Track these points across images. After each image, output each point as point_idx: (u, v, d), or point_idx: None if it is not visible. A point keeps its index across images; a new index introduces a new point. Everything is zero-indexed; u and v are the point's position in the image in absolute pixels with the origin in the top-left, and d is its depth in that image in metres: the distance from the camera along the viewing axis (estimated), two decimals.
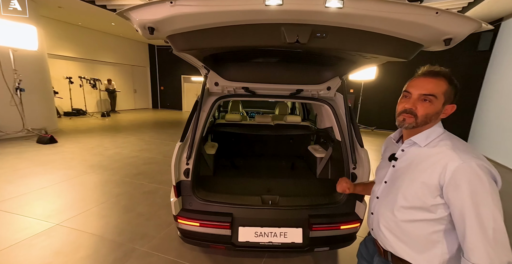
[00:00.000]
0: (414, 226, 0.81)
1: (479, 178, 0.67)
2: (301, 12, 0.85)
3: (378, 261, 0.95)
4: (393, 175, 0.89)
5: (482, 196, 0.67)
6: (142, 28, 0.96)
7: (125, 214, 2.59)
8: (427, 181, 0.76)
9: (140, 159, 4.38)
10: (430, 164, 0.77)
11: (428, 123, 0.82)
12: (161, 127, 7.60)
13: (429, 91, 0.77)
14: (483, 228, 0.66)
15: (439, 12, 0.77)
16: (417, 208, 0.79)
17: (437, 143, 0.79)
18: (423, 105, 0.79)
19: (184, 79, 11.91)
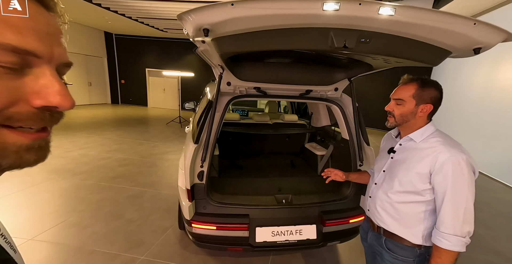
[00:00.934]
0: (406, 206, 0.98)
1: (461, 170, 0.85)
2: (354, 18, 0.89)
3: (371, 235, 1.13)
4: (391, 165, 1.05)
5: (461, 183, 0.85)
6: (198, 29, 0.92)
7: (112, 221, 2.35)
8: (420, 170, 0.92)
9: (114, 161, 3.97)
10: (423, 156, 0.92)
11: (407, 121, 0.98)
12: (128, 124, 6.96)
13: (398, 96, 0.98)
14: (456, 207, 0.86)
15: (476, 23, 0.87)
16: (410, 192, 0.96)
17: (430, 139, 0.95)
18: (397, 107, 0.98)
19: (149, 73, 11.03)
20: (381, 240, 1.06)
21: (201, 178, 1.60)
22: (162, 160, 4.18)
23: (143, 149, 4.72)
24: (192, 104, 3.63)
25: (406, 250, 0.99)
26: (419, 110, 0.95)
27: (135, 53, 10.78)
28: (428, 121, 0.98)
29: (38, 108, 0.26)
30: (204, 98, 2.52)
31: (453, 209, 0.86)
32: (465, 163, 0.85)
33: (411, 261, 0.98)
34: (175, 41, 10.35)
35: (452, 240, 0.86)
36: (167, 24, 7.82)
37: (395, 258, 1.01)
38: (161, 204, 2.71)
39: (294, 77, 1.73)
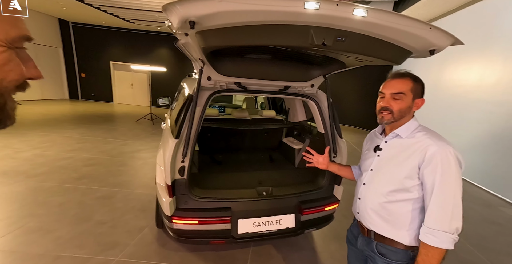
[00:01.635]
0: (397, 205, 0.94)
1: (449, 163, 0.83)
2: (332, 17, 0.97)
3: (361, 240, 1.08)
4: (378, 163, 1.01)
5: (449, 177, 0.83)
6: (183, 21, 0.92)
7: (79, 224, 2.17)
8: (409, 164, 0.89)
9: (77, 161, 3.64)
10: (412, 151, 0.90)
11: (403, 117, 0.95)
12: (91, 122, 6.40)
13: (398, 89, 0.93)
14: (444, 201, 0.83)
15: (431, 28, 1.01)
16: (400, 190, 0.92)
17: (416, 134, 0.93)
18: (396, 102, 0.94)
19: (114, 66, 10.23)
20: (372, 245, 1.01)
21: (182, 174, 1.57)
22: (134, 158, 3.95)
23: (111, 147, 4.40)
24: (166, 100, 3.49)
25: (399, 254, 0.95)
26: (414, 105, 0.95)
27: (97, 44, 9.88)
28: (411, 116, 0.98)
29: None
30: (182, 93, 2.45)
31: (442, 203, 0.83)
32: (452, 156, 0.84)
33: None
34: (144, 33, 9.75)
35: (440, 236, 0.82)
36: (134, 14, 7.32)
37: (388, 263, 0.96)
38: (135, 204, 2.58)
39: (273, 73, 1.78)
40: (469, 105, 4.23)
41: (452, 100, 4.66)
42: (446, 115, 4.78)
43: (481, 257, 2.16)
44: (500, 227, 2.72)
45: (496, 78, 3.77)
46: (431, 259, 0.84)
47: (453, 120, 4.59)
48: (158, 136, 5.49)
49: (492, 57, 3.87)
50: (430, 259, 0.84)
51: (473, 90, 4.17)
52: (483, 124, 3.90)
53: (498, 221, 2.84)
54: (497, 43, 3.80)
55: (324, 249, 2.15)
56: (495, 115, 3.70)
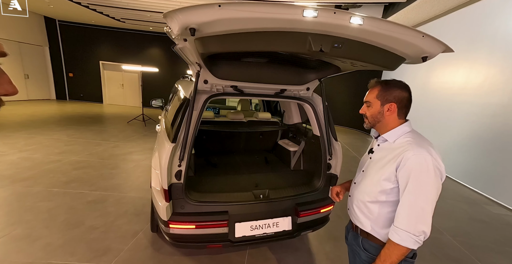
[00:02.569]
0: (377, 206, 1.00)
1: (421, 169, 0.86)
2: (329, 25, 0.99)
3: (351, 235, 1.16)
4: (369, 165, 1.08)
5: (424, 182, 0.85)
6: (184, 28, 0.93)
7: (70, 230, 2.11)
8: (389, 168, 0.94)
9: (66, 164, 3.53)
10: (393, 156, 0.95)
11: (379, 121, 1.03)
12: (80, 123, 6.22)
13: (366, 98, 1.06)
14: (414, 204, 0.86)
15: (424, 36, 1.05)
16: (380, 191, 0.97)
17: (402, 139, 0.98)
18: (368, 109, 1.05)
19: (104, 66, 9.99)
20: (358, 240, 1.08)
21: (179, 178, 1.56)
22: (126, 161, 3.87)
23: (102, 150, 4.29)
24: (160, 101, 3.44)
25: (379, 249, 1.00)
26: (385, 110, 1.00)
27: (86, 43, 9.63)
28: (402, 121, 1.02)
29: None
30: (177, 95, 2.43)
31: (409, 205, 0.87)
32: (428, 163, 0.85)
33: None
34: (135, 33, 9.58)
35: (402, 235, 0.87)
36: (125, 13, 7.18)
37: (370, 257, 1.03)
38: (128, 208, 2.53)
39: (269, 77, 1.79)
40: (455, 107, 4.40)
41: (440, 102, 4.83)
42: (434, 116, 4.95)
43: (468, 254, 2.25)
44: (485, 224, 2.83)
45: (479, 81, 3.93)
46: (392, 254, 0.90)
47: (440, 121, 4.75)
48: (150, 137, 5.40)
49: (476, 61, 4.04)
50: (391, 253, 0.91)
51: (459, 92, 4.34)
52: (468, 125, 4.06)
53: (483, 218, 2.96)
54: (481, 48, 3.97)
55: (320, 250, 2.17)
56: (479, 117, 3.86)
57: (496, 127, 3.57)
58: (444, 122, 4.65)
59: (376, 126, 1.06)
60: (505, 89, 3.49)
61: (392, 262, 0.91)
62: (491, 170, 3.59)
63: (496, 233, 2.65)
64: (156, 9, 6.33)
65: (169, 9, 5.93)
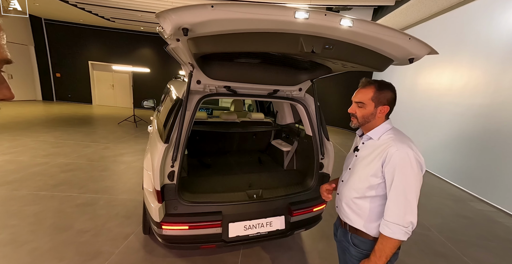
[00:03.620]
0: (365, 201, 1.04)
1: (405, 163, 0.91)
2: (320, 27, 1.02)
3: (340, 231, 1.20)
4: (355, 162, 1.11)
5: (405, 176, 0.91)
6: (176, 28, 0.93)
7: (58, 234, 2.05)
8: (375, 164, 0.98)
9: (54, 167, 3.43)
10: (378, 153, 0.99)
11: (369, 122, 1.05)
12: (68, 124, 6.05)
13: (358, 99, 1.04)
14: (400, 197, 0.92)
15: (411, 38, 1.10)
16: (368, 187, 1.01)
17: (385, 137, 1.02)
18: (359, 109, 1.05)
19: (93, 66, 9.77)
20: (348, 236, 1.11)
21: (172, 179, 1.55)
22: (117, 163, 3.80)
23: (91, 151, 4.19)
24: (152, 102, 3.40)
25: (368, 244, 1.05)
26: (378, 111, 1.02)
27: (73, 43, 9.38)
28: (385, 119, 1.06)
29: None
30: (169, 96, 2.41)
31: (397, 199, 0.92)
32: (410, 158, 0.91)
33: None
34: (126, 33, 9.42)
35: (393, 228, 0.91)
36: (114, 13, 7.06)
37: (359, 252, 1.07)
38: (119, 210, 2.48)
39: (263, 77, 1.81)
40: (441, 107, 4.55)
41: (427, 102, 4.98)
42: (421, 116, 5.10)
43: (453, 249, 2.33)
44: (470, 220, 2.95)
45: (463, 82, 4.09)
46: (385, 248, 0.94)
47: (427, 120, 4.91)
48: (142, 139, 5.32)
49: (460, 63, 4.20)
50: (384, 247, 0.94)
51: (444, 93, 4.50)
52: (454, 125, 4.21)
53: (467, 215, 3.08)
54: (464, 51, 4.13)
55: (312, 248, 2.20)
56: (464, 117, 4.02)
57: (479, 127, 3.73)
58: (431, 122, 4.80)
59: (364, 126, 1.08)
60: (487, 90, 3.65)
61: (387, 256, 0.94)
62: (475, 168, 3.74)
63: (480, 229, 2.76)
64: (147, 9, 6.26)
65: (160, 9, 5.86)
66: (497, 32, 3.55)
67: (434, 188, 3.92)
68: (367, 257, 1.03)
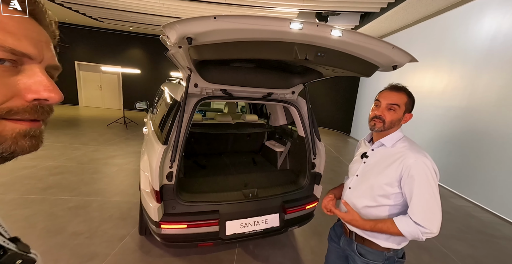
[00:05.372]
0: (377, 210, 1.01)
1: (425, 172, 0.91)
2: (313, 36, 1.11)
3: (344, 240, 1.16)
4: (364, 169, 1.08)
5: (427, 184, 0.91)
6: (181, 38, 1.01)
7: (51, 237, 2.03)
8: (390, 173, 0.96)
9: (42, 170, 3.35)
10: (392, 161, 0.97)
11: (392, 128, 1.02)
12: (54, 126, 5.87)
13: (394, 101, 1.00)
14: (423, 202, 0.91)
15: (394, 47, 1.22)
16: (381, 195, 0.99)
17: (398, 145, 1.01)
18: (389, 113, 1.00)
19: (80, 66, 9.50)
20: (353, 246, 1.09)
21: (170, 179, 1.60)
22: (108, 165, 3.75)
23: (81, 154, 4.11)
24: (144, 103, 3.40)
25: (375, 254, 1.03)
26: (404, 118, 1.02)
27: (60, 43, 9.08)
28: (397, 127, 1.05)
29: (31, 101, 0.32)
30: (163, 98, 2.44)
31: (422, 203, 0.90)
32: (427, 166, 0.92)
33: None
34: (115, 33, 9.25)
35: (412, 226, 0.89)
36: (103, 13, 6.94)
37: (366, 262, 1.04)
38: (113, 212, 2.48)
39: (257, 81, 1.89)
40: (423, 109, 4.81)
41: None
42: None
43: (435, 242, 2.50)
44: (450, 215, 3.15)
45: (443, 86, 4.36)
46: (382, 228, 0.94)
47: (411, 122, 5.13)
48: (133, 141, 5.25)
49: (440, 68, 4.47)
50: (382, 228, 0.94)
51: (426, 96, 4.76)
52: (435, 126, 4.47)
53: (448, 210, 3.28)
54: (443, 57, 4.41)
55: (305, 245, 2.29)
56: (444, 119, 4.27)
57: (457, 128, 3.98)
58: (415, 123, 5.06)
59: (385, 131, 1.03)
60: (463, 93, 3.91)
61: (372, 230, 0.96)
62: (454, 166, 3.99)
63: (459, 223, 2.95)
64: (136, 9, 6.21)
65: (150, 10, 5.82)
66: (472, 40, 3.82)
67: None
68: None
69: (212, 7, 5.48)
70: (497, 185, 3.25)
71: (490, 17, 3.56)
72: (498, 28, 3.42)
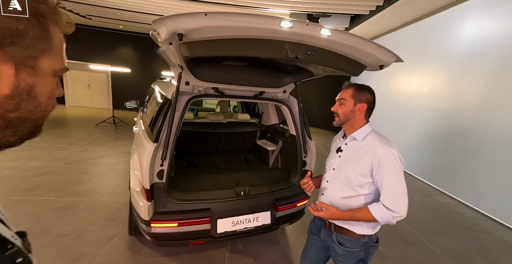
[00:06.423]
0: (353, 200, 1.11)
1: (392, 161, 1.02)
2: (303, 35, 1.14)
3: (324, 232, 1.23)
4: (340, 163, 1.17)
5: (394, 172, 1.02)
6: (172, 34, 1.00)
7: (37, 238, 1.96)
8: (362, 164, 1.06)
9: (25, 170, 3.23)
10: (364, 153, 1.07)
11: (349, 119, 1.13)
12: None
13: (341, 96, 1.15)
14: (392, 188, 1.02)
15: (380, 47, 1.26)
16: (356, 186, 1.08)
17: (368, 137, 1.11)
18: (340, 107, 1.14)
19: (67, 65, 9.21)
20: (333, 236, 1.16)
21: (161, 177, 1.59)
22: (97, 165, 3.67)
23: (68, 154, 4.00)
24: (135, 102, 3.35)
25: (353, 242, 1.11)
26: (357, 109, 1.11)
27: None
28: (366, 121, 1.15)
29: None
30: (154, 96, 2.42)
31: (391, 189, 1.01)
32: (394, 156, 1.02)
33: (358, 250, 1.12)
34: (104, 31, 9.03)
35: (384, 211, 1.00)
36: (91, 10, 6.77)
37: (345, 250, 1.13)
38: (101, 213, 2.43)
39: (249, 80, 1.90)
40: (410, 109, 4.97)
41: (398, 105, 5.41)
42: (393, 117, 5.52)
43: (420, 237, 2.59)
44: (434, 211, 3.27)
45: (429, 87, 4.52)
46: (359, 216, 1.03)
47: (398, 122, 5.33)
48: (123, 141, 5.15)
49: (426, 70, 4.64)
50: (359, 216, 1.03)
51: (413, 97, 4.92)
52: (421, 126, 4.63)
53: (433, 207, 3.41)
54: (429, 59, 4.58)
55: (296, 242, 2.33)
56: (430, 119, 4.43)
57: (442, 127, 4.14)
58: (402, 123, 5.22)
59: (345, 124, 1.16)
60: (447, 94, 4.07)
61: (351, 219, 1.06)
62: (439, 164, 4.14)
63: (443, 218, 3.07)
64: (127, 7, 6.10)
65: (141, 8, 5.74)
66: (455, 43, 3.99)
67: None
68: (353, 256, 1.12)
69: (204, 6, 5.46)
70: (477, 182, 3.41)
71: (471, 21, 3.73)
72: (479, 32, 3.59)
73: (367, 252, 1.14)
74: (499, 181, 3.10)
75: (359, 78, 7.60)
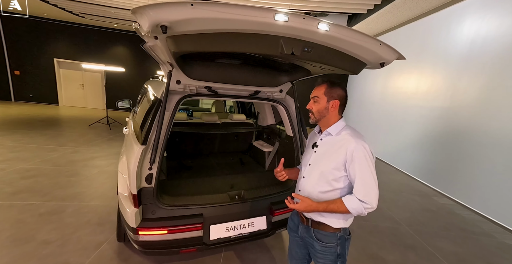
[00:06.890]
0: (328, 194, 1.11)
1: (364, 155, 1.04)
2: (299, 29, 1.05)
3: (302, 228, 1.23)
4: (315, 158, 1.17)
5: (366, 164, 1.04)
6: (154, 25, 0.90)
7: (18, 247, 1.85)
8: (336, 158, 1.07)
9: (11, 173, 3.10)
10: (338, 147, 1.09)
11: (324, 116, 1.14)
12: (29, 127, 5.52)
13: (314, 94, 1.15)
14: (364, 180, 1.03)
15: (381, 44, 1.18)
16: (331, 180, 1.09)
17: (342, 132, 1.12)
18: (314, 105, 1.14)
19: (59, 64, 9.04)
20: (311, 232, 1.17)
21: (150, 182, 1.49)
22: (88, 167, 3.54)
23: (58, 156, 3.86)
24: (127, 102, 3.24)
25: (330, 237, 1.13)
26: (330, 106, 1.12)
27: (36, 38, 8.62)
28: (340, 117, 1.16)
29: None
30: (146, 96, 2.32)
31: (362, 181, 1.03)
32: (366, 150, 1.05)
33: (335, 245, 1.14)
34: (98, 30, 8.87)
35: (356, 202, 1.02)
36: (84, 8, 6.62)
37: (323, 245, 1.14)
38: (90, 218, 2.32)
39: (244, 78, 1.81)
40: (408, 109, 4.93)
41: (396, 105, 5.37)
42: (391, 117, 5.48)
43: (420, 241, 2.52)
44: (433, 213, 3.21)
45: (427, 87, 4.48)
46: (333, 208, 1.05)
47: (396, 122, 5.28)
48: (116, 141, 5.02)
49: (424, 70, 4.60)
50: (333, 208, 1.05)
51: (411, 96, 4.88)
52: (419, 126, 4.58)
53: (431, 208, 3.35)
54: (427, 59, 4.53)
55: None
56: (428, 119, 4.39)
57: (440, 128, 4.10)
58: (400, 123, 5.17)
59: (320, 121, 1.17)
60: (446, 94, 4.03)
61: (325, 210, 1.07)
62: (438, 165, 4.10)
63: (442, 220, 3.02)
64: (121, 5, 5.97)
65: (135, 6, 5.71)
66: (453, 42, 3.95)
67: (403, 185, 4.21)
68: (331, 251, 1.13)
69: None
70: (476, 183, 3.36)
71: (470, 21, 3.69)
72: (477, 31, 3.55)
73: (343, 246, 1.16)
74: (499, 181, 3.05)
75: (357, 77, 7.56)
